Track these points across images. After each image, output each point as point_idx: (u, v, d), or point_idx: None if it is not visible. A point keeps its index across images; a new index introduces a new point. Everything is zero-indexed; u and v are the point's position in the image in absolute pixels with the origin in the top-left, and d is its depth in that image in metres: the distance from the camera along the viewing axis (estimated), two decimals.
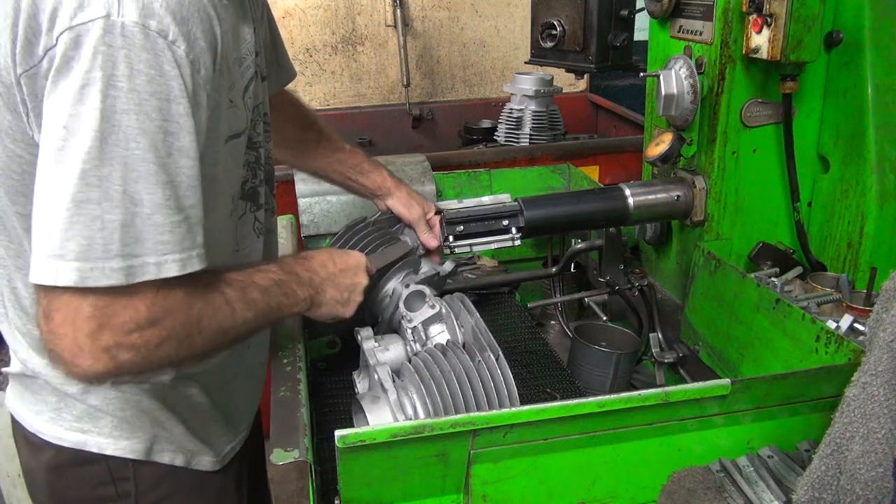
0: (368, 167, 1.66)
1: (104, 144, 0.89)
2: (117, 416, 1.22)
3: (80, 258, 0.90)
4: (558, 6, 2.43)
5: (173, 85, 0.93)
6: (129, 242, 0.92)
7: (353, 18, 3.53)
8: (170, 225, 0.95)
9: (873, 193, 1.52)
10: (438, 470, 1.02)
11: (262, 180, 1.33)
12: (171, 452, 1.28)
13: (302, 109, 1.67)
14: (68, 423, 1.22)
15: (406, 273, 1.49)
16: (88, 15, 0.89)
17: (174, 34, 0.93)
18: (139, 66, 0.91)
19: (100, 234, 0.90)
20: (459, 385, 1.17)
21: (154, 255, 0.94)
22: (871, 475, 0.94)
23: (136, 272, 0.93)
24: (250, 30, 1.19)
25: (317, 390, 1.52)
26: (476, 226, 1.60)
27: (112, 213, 0.91)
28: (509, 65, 3.73)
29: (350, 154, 1.66)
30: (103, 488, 1.25)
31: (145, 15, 0.91)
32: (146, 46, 0.91)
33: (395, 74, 3.59)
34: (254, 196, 1.31)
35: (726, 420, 1.11)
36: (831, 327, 1.23)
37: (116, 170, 0.90)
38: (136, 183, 0.92)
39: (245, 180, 1.27)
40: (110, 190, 0.90)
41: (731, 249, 1.63)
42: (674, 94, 1.55)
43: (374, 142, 3.59)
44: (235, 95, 1.13)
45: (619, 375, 1.61)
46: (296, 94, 1.70)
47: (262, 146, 1.31)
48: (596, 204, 1.61)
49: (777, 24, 1.39)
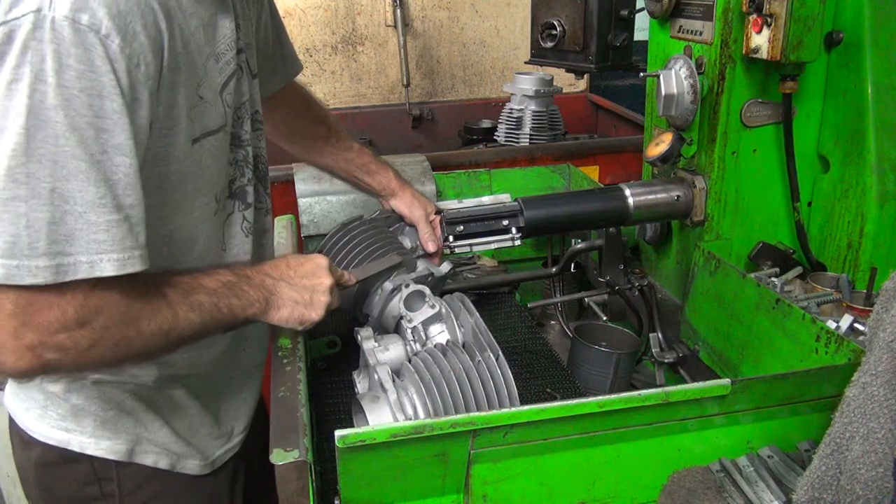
0: (375, 167, 1.66)
1: (31, 141, 0.88)
2: (100, 416, 1.22)
3: (6, 255, 0.88)
4: (558, 6, 2.43)
5: (105, 81, 0.91)
6: (58, 240, 0.90)
7: (353, 18, 3.53)
8: (105, 224, 0.92)
9: (873, 193, 1.51)
10: (438, 470, 1.02)
11: (250, 179, 1.31)
12: (154, 454, 1.27)
13: (312, 104, 1.67)
14: (54, 421, 1.23)
15: (398, 272, 1.49)
16: (21, 10, 0.88)
17: (107, 28, 0.91)
18: (68, 62, 0.89)
19: (25, 231, 0.89)
20: (459, 385, 1.17)
21: (87, 253, 0.91)
22: (871, 475, 0.94)
23: (66, 270, 0.91)
24: (231, 25, 1.18)
25: (317, 390, 1.52)
26: (476, 226, 1.60)
27: (39, 210, 0.89)
28: (509, 65, 3.73)
29: (358, 153, 1.66)
30: (89, 487, 1.26)
31: (77, 9, 0.89)
32: (76, 41, 0.89)
33: (395, 74, 3.59)
34: (242, 195, 1.29)
35: (726, 420, 1.11)
36: (831, 327, 1.23)
37: (45, 166, 0.89)
38: (66, 180, 0.90)
39: (232, 178, 1.26)
40: (38, 187, 0.89)
41: (731, 249, 1.63)
42: (674, 94, 1.55)
43: (374, 142, 3.59)
44: (207, 91, 1.11)
45: (619, 375, 1.61)
46: (307, 89, 1.69)
47: (250, 144, 1.30)
48: (596, 204, 1.61)
49: (777, 24, 1.39)
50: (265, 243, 1.43)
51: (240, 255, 1.30)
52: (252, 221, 1.33)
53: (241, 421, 1.43)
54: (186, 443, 1.31)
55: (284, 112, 1.62)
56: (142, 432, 1.25)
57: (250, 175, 1.31)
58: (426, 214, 1.61)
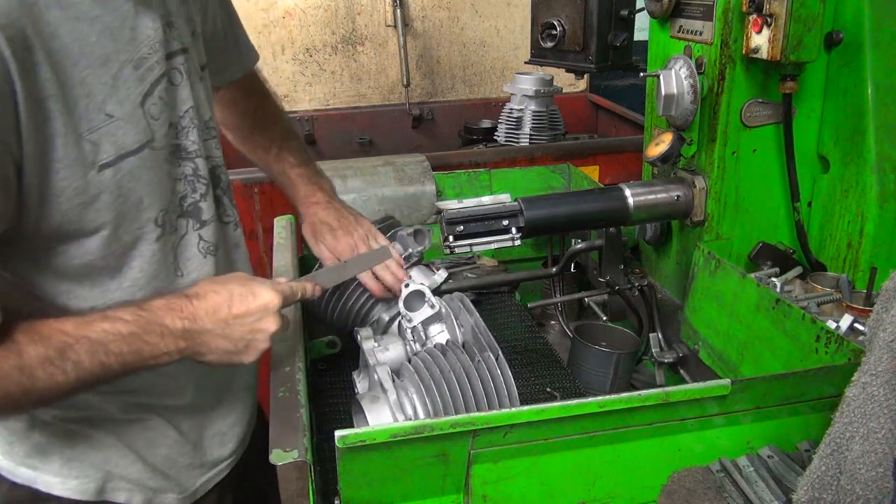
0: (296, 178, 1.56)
1: None
2: (66, 454, 1.15)
3: None
4: (558, 6, 2.43)
5: None
6: None
7: (353, 18, 3.53)
8: None
9: (873, 193, 1.51)
10: (438, 470, 1.02)
11: (204, 194, 1.20)
12: (127, 491, 1.20)
13: (267, 106, 1.59)
14: (20, 458, 1.16)
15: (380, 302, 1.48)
16: None
17: None
18: None
19: None
20: (459, 385, 1.17)
21: None
22: (871, 475, 0.94)
23: None
24: (156, 25, 1.06)
25: (317, 390, 1.52)
26: (476, 226, 1.60)
27: None
28: (509, 65, 3.73)
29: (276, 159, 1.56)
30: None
31: None
32: None
33: (395, 74, 3.59)
34: (196, 212, 1.19)
35: (726, 420, 1.11)
36: (831, 327, 1.23)
37: None
38: None
39: (183, 196, 1.17)
40: None
41: (731, 249, 1.63)
42: (674, 94, 1.55)
43: (374, 142, 3.60)
44: (118, 107, 1.00)
45: (619, 375, 1.61)
46: (267, 87, 1.62)
47: (200, 156, 1.19)
48: (596, 204, 1.61)
49: (777, 24, 1.39)
50: (236, 259, 1.34)
51: (200, 278, 1.20)
52: (211, 240, 1.23)
53: (227, 447, 1.36)
54: (163, 475, 1.23)
55: (240, 109, 1.55)
56: (112, 468, 1.18)
57: (204, 189, 1.20)
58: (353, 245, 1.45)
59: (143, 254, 1.11)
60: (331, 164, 2.03)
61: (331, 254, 1.48)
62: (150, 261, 1.12)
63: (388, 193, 1.98)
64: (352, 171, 2.00)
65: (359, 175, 1.99)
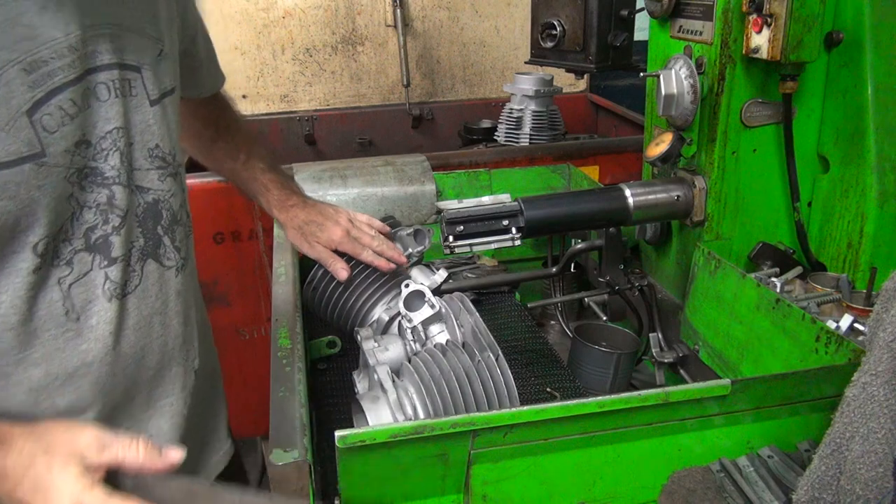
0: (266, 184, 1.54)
1: None
2: None
3: None
4: (558, 6, 2.43)
5: None
6: None
7: (353, 18, 3.53)
8: None
9: (873, 193, 1.51)
10: (438, 470, 1.02)
11: (118, 227, 1.06)
12: None
13: (225, 109, 1.56)
14: None
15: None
16: None
17: None
18: None
19: None
20: (459, 385, 1.17)
21: None
22: (871, 475, 0.94)
23: None
24: (69, 30, 0.95)
25: (317, 390, 1.52)
26: (476, 226, 1.60)
27: None
28: (509, 65, 3.73)
29: (245, 166, 1.53)
30: None
31: None
32: None
33: (395, 74, 3.59)
34: (104, 247, 1.05)
35: (726, 420, 1.11)
36: (831, 327, 1.23)
37: None
38: None
39: (91, 227, 1.03)
40: None
41: (731, 249, 1.63)
42: (674, 94, 1.55)
43: (374, 142, 3.60)
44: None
45: (619, 375, 1.61)
46: (225, 93, 1.59)
47: (118, 183, 1.05)
48: (596, 204, 1.61)
49: (777, 24, 1.39)
50: (169, 311, 1.17)
51: (99, 326, 1.06)
52: (119, 281, 1.07)
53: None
54: None
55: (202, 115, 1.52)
56: None
57: (118, 222, 1.06)
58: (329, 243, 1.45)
59: (12, 285, 0.97)
60: (331, 164, 2.03)
61: (328, 247, 1.49)
62: (23, 297, 0.98)
63: (388, 193, 1.98)
64: (352, 171, 2.00)
65: (359, 175, 1.99)
